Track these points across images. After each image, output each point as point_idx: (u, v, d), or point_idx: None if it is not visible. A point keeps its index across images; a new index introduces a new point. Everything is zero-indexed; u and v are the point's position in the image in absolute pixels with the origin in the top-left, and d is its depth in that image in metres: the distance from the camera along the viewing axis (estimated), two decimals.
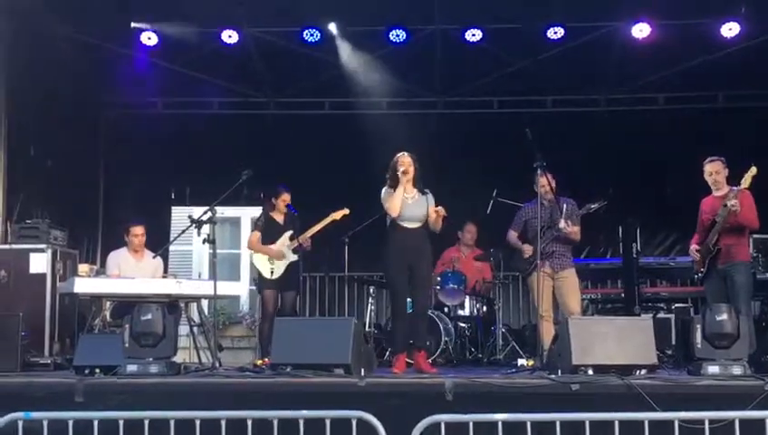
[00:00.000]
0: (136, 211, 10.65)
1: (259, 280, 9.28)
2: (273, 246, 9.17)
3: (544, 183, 8.35)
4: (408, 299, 8.04)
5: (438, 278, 9.86)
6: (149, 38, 10.68)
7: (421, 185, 7.95)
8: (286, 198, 9.27)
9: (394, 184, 7.87)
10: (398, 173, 7.82)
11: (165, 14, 10.25)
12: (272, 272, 9.15)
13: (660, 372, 6.93)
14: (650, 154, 11.40)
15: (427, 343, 8.78)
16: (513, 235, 8.73)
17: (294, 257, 9.20)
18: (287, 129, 11.94)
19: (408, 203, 7.86)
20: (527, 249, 8.48)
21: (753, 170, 7.82)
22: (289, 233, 9.20)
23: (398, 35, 10.68)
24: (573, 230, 8.40)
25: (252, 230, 9.57)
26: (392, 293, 8.05)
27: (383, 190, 7.97)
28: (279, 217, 9.31)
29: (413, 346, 7.96)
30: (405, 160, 7.89)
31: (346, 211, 9.29)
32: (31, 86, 9.70)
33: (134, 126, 11.87)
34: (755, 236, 8.94)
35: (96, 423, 5.23)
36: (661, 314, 9.82)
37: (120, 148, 11.86)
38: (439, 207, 7.86)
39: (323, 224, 9.24)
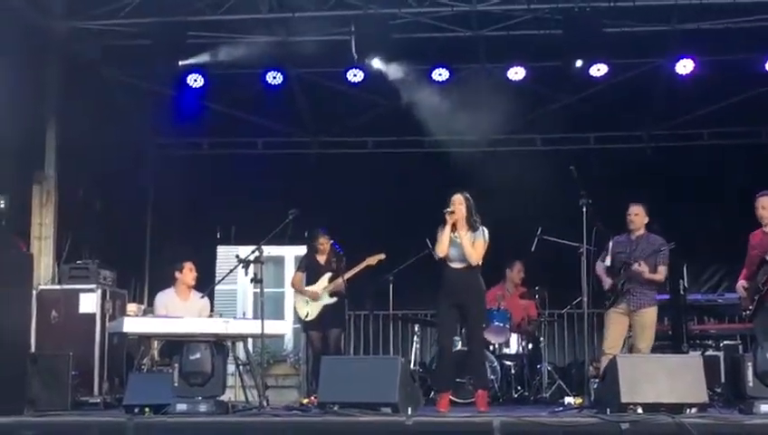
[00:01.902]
0: (182, 251, 10.74)
1: (300, 320, 9.39)
2: (309, 288, 9.29)
3: (630, 215, 8.32)
4: (456, 338, 8.06)
5: None
6: (196, 80, 10.83)
7: (475, 222, 7.96)
8: (323, 241, 9.39)
9: (444, 224, 7.91)
10: (448, 213, 7.86)
11: (211, 57, 10.37)
12: (307, 314, 9.27)
13: (711, 411, 6.86)
14: (696, 190, 11.33)
15: (490, 384, 8.81)
16: (599, 266, 8.65)
17: (331, 300, 9.30)
18: (331, 167, 12.04)
19: (455, 243, 7.88)
20: (606, 284, 8.44)
21: None
22: (328, 275, 9.30)
23: (440, 74, 10.73)
24: (640, 270, 8.29)
25: (296, 271, 9.66)
26: (438, 332, 8.08)
27: (438, 230, 8.00)
28: (321, 258, 9.41)
29: (474, 386, 7.97)
30: (454, 200, 7.94)
31: (382, 256, 9.38)
32: (81, 128, 9.85)
33: (180, 166, 12.02)
34: None
35: None
36: (710, 352, 9.70)
37: (166, 188, 12.01)
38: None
39: (358, 268, 9.34)
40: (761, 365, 6.83)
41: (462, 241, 7.85)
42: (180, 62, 10.35)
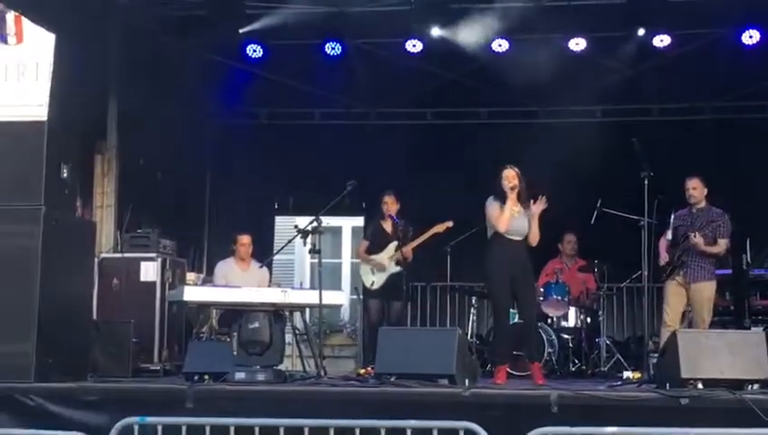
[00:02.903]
0: (241, 221, 10.86)
1: (363, 289, 9.37)
2: (376, 257, 9.25)
3: (690, 189, 8.25)
4: (513, 310, 8.04)
5: (542, 289, 9.80)
6: (255, 50, 10.85)
7: (526, 198, 7.93)
8: (389, 200, 9.31)
9: (501, 198, 7.86)
10: (506, 188, 7.82)
11: (271, 27, 10.37)
12: (372, 283, 9.24)
13: None
14: (758, 163, 11.11)
15: (544, 356, 8.80)
16: (662, 241, 8.57)
17: (396, 269, 9.25)
18: (389, 139, 12.00)
19: (514, 217, 7.85)
20: (663, 256, 8.35)
21: None
22: (394, 244, 9.24)
23: (500, 45, 10.62)
24: (697, 241, 8.20)
25: (362, 239, 9.65)
26: (494, 305, 8.07)
27: (488, 202, 7.96)
28: (387, 226, 9.37)
29: (529, 358, 7.97)
30: (510, 174, 7.89)
31: (449, 224, 9.32)
32: (142, 99, 9.96)
33: (238, 137, 12.10)
34: None
35: (208, 429, 5.35)
36: None
37: (224, 158, 12.10)
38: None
39: (426, 236, 9.29)
40: None
41: (531, 219, 7.84)
42: (240, 30, 10.39)
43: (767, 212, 11.03)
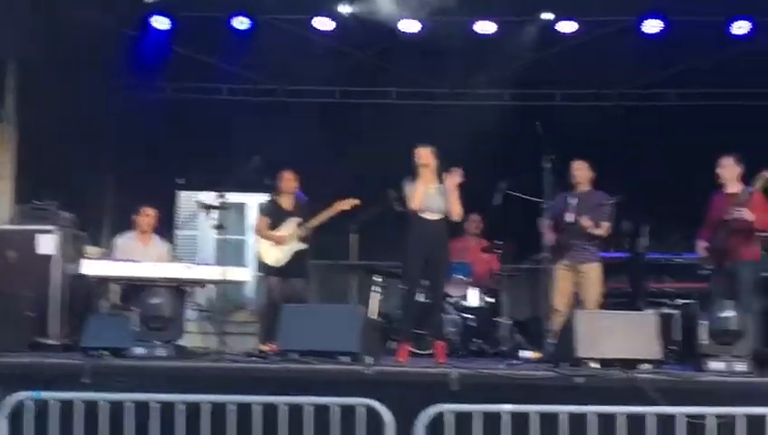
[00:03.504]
0: (144, 195, 10.66)
1: (264, 266, 9.29)
2: (278, 233, 9.17)
3: (574, 170, 8.38)
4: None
5: None
6: (161, 22, 10.65)
7: (441, 176, 7.99)
8: (288, 176, 9.25)
9: (416, 177, 7.90)
10: (419, 166, 7.86)
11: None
12: (276, 260, 9.16)
13: (664, 367, 6.96)
14: (660, 149, 11.39)
15: (446, 335, 8.90)
16: (546, 223, 8.71)
17: (302, 246, 9.21)
18: (297, 116, 11.94)
19: (428, 194, 7.90)
20: (549, 239, 8.48)
21: (765, 175, 7.83)
22: (296, 220, 9.19)
23: (411, 26, 10.63)
24: (587, 225, 8.38)
25: (260, 215, 9.55)
26: (405, 283, 8.12)
27: (406, 182, 7.99)
28: (286, 203, 9.30)
29: (432, 337, 8.03)
30: (422, 152, 7.94)
31: (355, 201, 9.29)
32: (43, 70, 9.70)
33: (143, 110, 11.86)
34: (762, 234, 8.93)
35: (104, 404, 5.27)
36: (666, 310, 9.81)
37: (128, 132, 11.86)
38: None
39: (329, 214, 9.22)
40: (714, 323, 6.94)
41: (449, 195, 7.88)
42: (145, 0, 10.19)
43: (665, 198, 11.33)
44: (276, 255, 9.13)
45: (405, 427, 5.21)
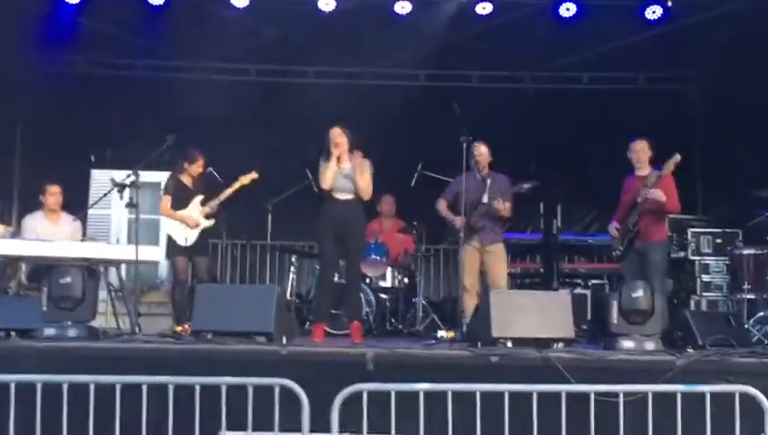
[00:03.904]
0: (55, 174, 10.41)
1: (170, 246, 9.17)
2: (184, 212, 9.08)
3: (478, 155, 8.47)
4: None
5: None
6: None
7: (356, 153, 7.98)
8: (201, 165, 9.18)
9: (327, 157, 7.88)
10: (330, 147, 7.84)
11: None
12: (186, 239, 9.06)
13: (577, 346, 7.08)
14: (573, 132, 11.57)
15: (365, 317, 8.91)
16: (442, 204, 8.79)
17: (208, 223, 9.14)
18: (212, 94, 11.78)
19: (340, 175, 7.88)
20: (458, 221, 8.54)
21: (677, 158, 8.04)
22: (200, 198, 9.12)
23: (327, 4, 10.57)
24: (501, 207, 8.48)
25: (163, 194, 9.41)
26: (321, 263, 8.10)
27: (321, 163, 7.96)
28: (188, 181, 9.20)
29: (348, 317, 8.03)
30: (333, 132, 7.92)
31: (254, 175, 9.21)
32: None
33: (54, 86, 11.56)
34: (670, 216, 9.16)
35: (13, 386, 5.14)
36: (578, 290, 10.01)
37: (38, 108, 11.57)
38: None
39: (233, 189, 9.17)
40: (625, 303, 7.08)
41: (355, 175, 7.85)
42: None
43: (578, 180, 11.53)
44: (184, 234, 9.04)
45: (322, 407, 5.20)
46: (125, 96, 11.64)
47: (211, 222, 9.15)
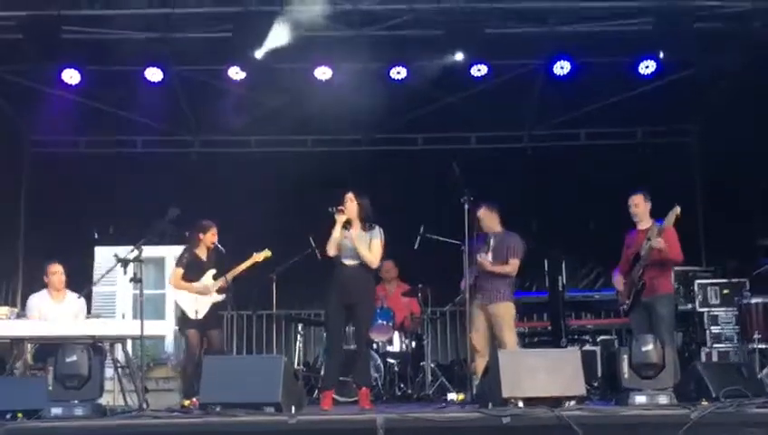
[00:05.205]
0: (58, 252, 10.43)
1: (182, 319, 9.14)
2: (196, 285, 9.07)
3: (479, 218, 8.49)
4: None
5: None
6: (71, 76, 10.48)
7: (369, 221, 8.01)
8: (215, 232, 9.20)
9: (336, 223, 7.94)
10: (334, 212, 7.87)
11: (89, 53, 10.06)
12: (196, 312, 9.03)
13: (589, 403, 7.01)
14: (573, 189, 11.60)
15: (373, 382, 8.84)
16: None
17: (219, 298, 9.13)
18: (212, 167, 11.88)
19: (345, 240, 7.88)
20: (462, 283, 8.53)
21: (677, 210, 8.06)
22: (212, 272, 9.13)
23: (324, 73, 10.66)
24: (482, 261, 8.48)
25: (175, 267, 9.42)
26: (327, 330, 8.07)
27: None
28: (203, 254, 9.22)
29: (356, 384, 7.98)
30: (345, 198, 7.96)
31: (268, 253, 9.26)
32: None
33: (56, 165, 11.68)
34: (676, 268, 9.14)
35: None
36: (587, 347, 9.94)
37: (41, 188, 11.65)
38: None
39: (245, 265, 9.20)
40: (636, 357, 7.01)
41: (354, 242, 7.85)
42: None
43: (581, 236, 11.53)
44: (195, 307, 9.02)
45: None
46: (127, 172, 11.70)
47: (222, 296, 9.13)
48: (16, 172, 11.53)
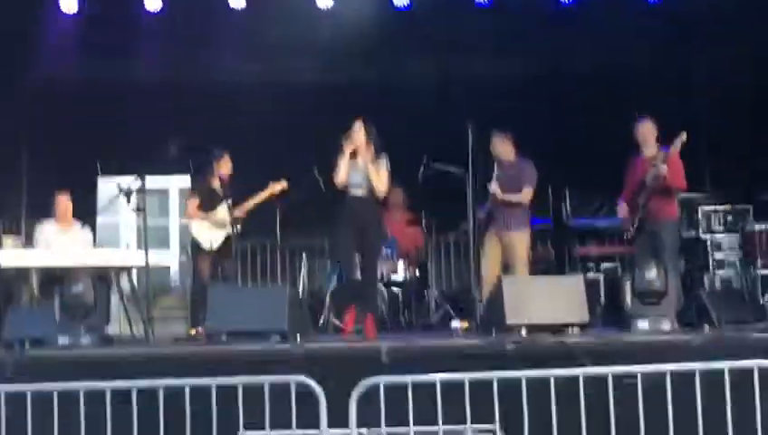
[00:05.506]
0: (62, 182, 10.41)
1: (194, 248, 9.12)
2: (213, 215, 9.01)
3: (493, 145, 8.42)
4: None
5: None
6: (69, 5, 10.34)
7: (377, 150, 8.00)
8: (228, 159, 9.13)
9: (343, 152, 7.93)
10: (342, 141, 7.84)
11: None
12: (211, 243, 8.99)
13: (592, 330, 7.05)
14: (577, 115, 11.48)
15: (379, 310, 8.88)
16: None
17: (234, 228, 9.08)
18: (219, 96, 11.74)
19: (354, 171, 7.86)
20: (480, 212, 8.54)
21: (683, 137, 7.98)
22: (228, 202, 9.02)
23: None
24: (493, 190, 8.48)
25: (189, 197, 9.35)
26: (338, 259, 8.12)
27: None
28: (216, 184, 9.13)
29: (363, 310, 8.03)
30: (353, 127, 7.93)
31: (284, 184, 9.21)
32: None
33: (58, 95, 11.56)
34: (680, 195, 9.10)
35: (29, 395, 5.14)
36: (591, 274, 9.96)
37: (44, 117, 11.55)
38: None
39: (262, 197, 9.16)
40: (639, 284, 7.04)
41: (367, 169, 7.83)
42: None
43: (584, 161, 11.42)
44: (210, 237, 8.98)
45: (338, 402, 5.18)
46: (129, 102, 11.59)
47: (237, 228, 9.07)
48: (18, 103, 11.43)
